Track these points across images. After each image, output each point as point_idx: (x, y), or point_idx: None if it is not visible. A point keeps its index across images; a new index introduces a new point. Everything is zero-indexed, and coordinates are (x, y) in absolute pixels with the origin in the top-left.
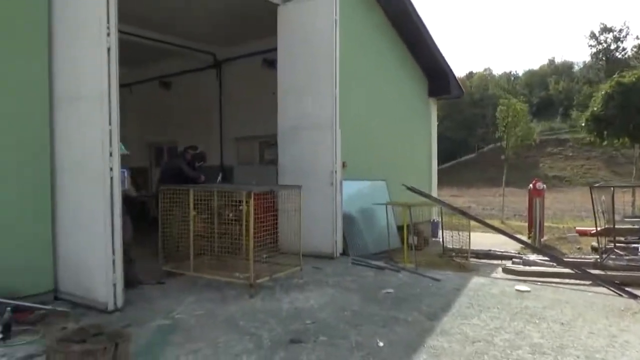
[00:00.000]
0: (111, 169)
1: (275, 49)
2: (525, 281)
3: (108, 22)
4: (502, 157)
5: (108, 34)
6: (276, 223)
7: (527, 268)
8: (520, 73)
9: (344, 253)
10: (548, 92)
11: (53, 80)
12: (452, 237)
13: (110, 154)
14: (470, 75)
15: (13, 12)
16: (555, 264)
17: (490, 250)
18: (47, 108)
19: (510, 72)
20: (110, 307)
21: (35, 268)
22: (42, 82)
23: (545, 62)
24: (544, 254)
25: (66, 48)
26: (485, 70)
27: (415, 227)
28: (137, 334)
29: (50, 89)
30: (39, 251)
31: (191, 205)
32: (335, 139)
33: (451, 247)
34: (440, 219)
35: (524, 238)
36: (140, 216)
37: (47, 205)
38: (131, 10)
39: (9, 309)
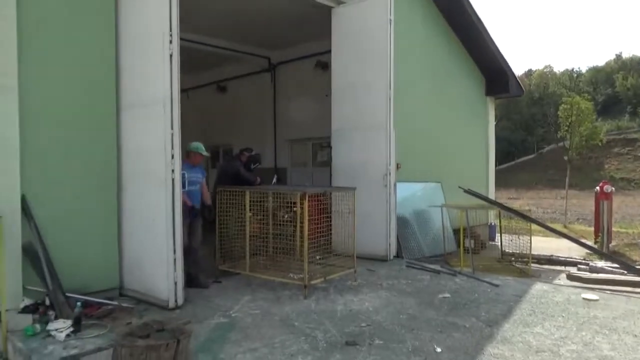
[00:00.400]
0: (172, 171)
1: (329, 51)
2: (592, 289)
3: (170, 30)
4: (565, 157)
5: (170, 42)
6: (330, 224)
7: (595, 275)
8: (584, 70)
9: (398, 255)
10: (615, 89)
11: (119, 85)
12: (510, 241)
13: (172, 157)
14: (530, 72)
15: (85, 21)
16: (626, 272)
17: (552, 255)
18: (114, 112)
19: (573, 69)
20: (171, 304)
21: (103, 266)
22: (109, 87)
23: (612, 57)
24: (614, 261)
25: (131, 54)
26: (545, 67)
27: (471, 230)
28: (197, 331)
29: (116, 94)
30: (106, 250)
31: (247, 207)
32: (389, 140)
33: (510, 251)
34: (498, 222)
35: (590, 243)
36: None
37: (113, 207)
38: (190, 18)
39: (79, 303)
